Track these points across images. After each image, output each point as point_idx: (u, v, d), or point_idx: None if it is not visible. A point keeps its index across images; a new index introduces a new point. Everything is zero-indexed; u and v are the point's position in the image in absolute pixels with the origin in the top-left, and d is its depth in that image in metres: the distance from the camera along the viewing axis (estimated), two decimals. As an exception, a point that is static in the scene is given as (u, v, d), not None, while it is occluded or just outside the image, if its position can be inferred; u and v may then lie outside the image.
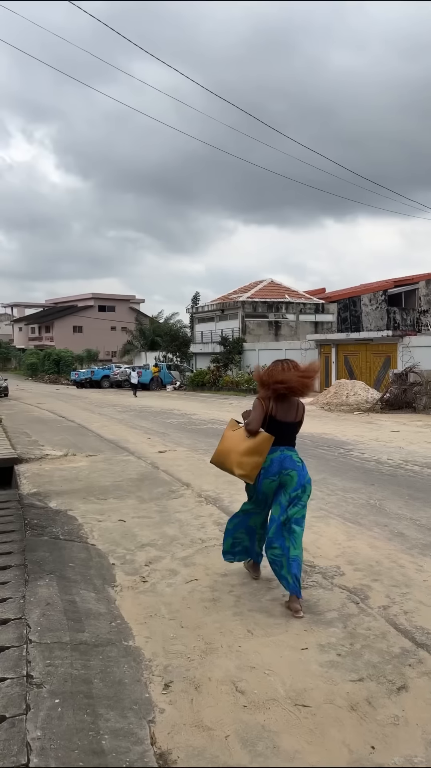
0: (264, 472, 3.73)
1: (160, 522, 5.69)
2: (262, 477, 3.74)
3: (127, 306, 68.50)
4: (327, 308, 38.49)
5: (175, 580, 4.16)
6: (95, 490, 7.19)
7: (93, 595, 3.75)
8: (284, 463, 3.73)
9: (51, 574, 3.93)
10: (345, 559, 4.59)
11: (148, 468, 8.69)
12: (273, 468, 3.72)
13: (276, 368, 3.79)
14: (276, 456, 3.74)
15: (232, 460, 3.73)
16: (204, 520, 5.73)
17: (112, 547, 4.89)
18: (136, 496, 6.81)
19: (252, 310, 36.07)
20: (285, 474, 3.72)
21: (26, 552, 4.29)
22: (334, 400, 20.07)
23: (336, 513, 5.95)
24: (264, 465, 3.72)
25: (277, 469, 3.72)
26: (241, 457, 3.69)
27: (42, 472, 8.44)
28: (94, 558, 4.54)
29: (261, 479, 3.75)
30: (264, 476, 3.73)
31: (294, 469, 3.74)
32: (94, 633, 3.19)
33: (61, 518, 5.68)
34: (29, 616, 3.22)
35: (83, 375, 39.44)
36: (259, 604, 3.74)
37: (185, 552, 4.78)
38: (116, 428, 14.13)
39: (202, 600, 3.81)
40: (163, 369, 35.48)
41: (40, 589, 3.64)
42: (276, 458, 3.73)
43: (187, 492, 7.03)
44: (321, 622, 3.48)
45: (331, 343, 27.52)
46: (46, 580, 3.80)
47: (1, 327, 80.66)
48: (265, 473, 3.73)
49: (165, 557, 4.65)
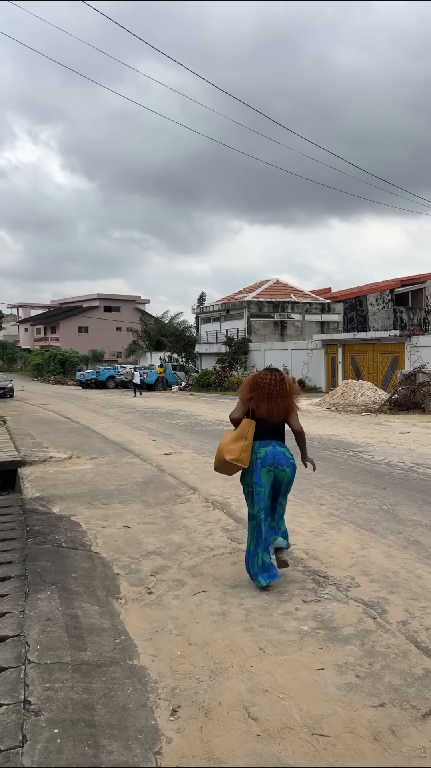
0: (261, 462, 3.99)
1: (166, 528, 5.50)
2: (259, 466, 3.98)
3: (132, 306, 68.42)
4: (334, 308, 38.23)
5: (182, 592, 3.97)
6: (99, 494, 7.02)
7: (96, 608, 3.58)
8: (278, 458, 4.02)
9: (52, 586, 3.75)
10: (360, 569, 4.39)
11: (153, 471, 8.51)
12: (268, 459, 4.00)
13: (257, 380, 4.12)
14: (270, 450, 4.03)
15: (225, 450, 4.02)
16: (211, 527, 5.54)
17: (117, 556, 4.71)
18: (141, 501, 6.63)
19: (257, 310, 35.86)
20: (281, 470, 4.04)
21: (27, 562, 4.11)
22: (341, 400, 19.84)
23: (348, 519, 5.75)
24: (260, 456, 4.00)
25: (271, 461, 4.00)
26: (229, 445, 4.01)
27: (46, 475, 8.28)
28: (98, 567, 4.36)
29: (259, 468, 3.98)
30: (261, 465, 3.98)
31: (288, 466, 4.08)
32: (97, 651, 3.01)
33: (64, 524, 5.51)
34: (29, 632, 3.04)
35: (88, 376, 39.33)
36: (271, 619, 3.55)
37: (192, 561, 4.59)
38: (121, 430, 13.97)
39: (210, 614, 3.63)
40: (168, 369, 35.30)
41: (40, 603, 3.46)
42: (269, 452, 4.02)
43: (193, 496, 6.84)
44: (337, 638, 3.29)
45: (338, 343, 27.28)
46: (47, 593, 3.62)
47: (7, 328, 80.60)
48: (262, 463, 3.99)
49: (171, 566, 4.47)
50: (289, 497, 5.77)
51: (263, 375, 4.14)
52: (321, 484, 7.43)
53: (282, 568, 4.14)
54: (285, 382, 4.13)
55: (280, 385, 4.08)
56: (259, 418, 4.06)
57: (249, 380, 4.19)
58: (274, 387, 4.06)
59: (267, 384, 4.06)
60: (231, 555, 4.71)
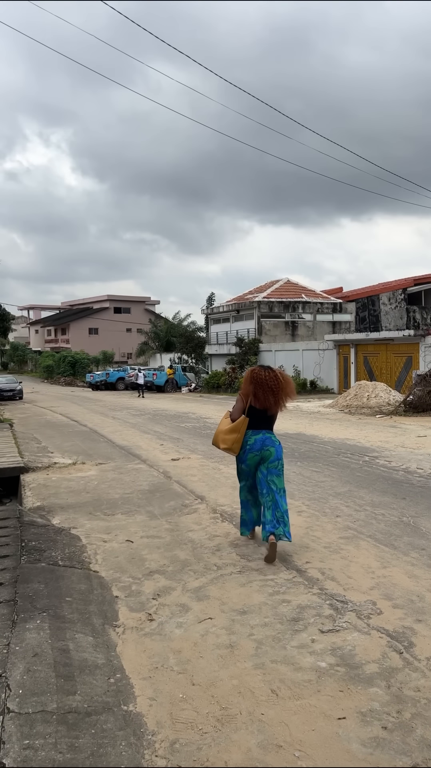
0: (249, 448, 4.79)
1: (171, 543, 5.16)
2: (248, 452, 4.81)
3: (142, 307, 68.27)
4: (345, 307, 37.69)
5: (186, 619, 3.62)
6: (103, 503, 6.69)
7: (90, 639, 3.23)
8: (265, 442, 4.81)
9: (43, 613, 3.41)
10: (381, 591, 4.01)
11: (159, 478, 8.17)
12: (257, 446, 4.79)
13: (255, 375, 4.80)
14: (259, 437, 4.81)
15: (219, 438, 4.90)
16: (219, 541, 5.19)
17: (117, 575, 4.37)
18: (146, 511, 6.29)
19: (268, 310, 35.44)
20: (266, 450, 4.78)
21: (18, 584, 3.78)
22: (354, 402, 19.39)
23: (366, 533, 5.37)
24: (250, 443, 4.79)
25: (259, 446, 4.79)
26: (224, 435, 4.86)
27: (48, 483, 7.98)
28: (96, 590, 4.02)
29: (247, 454, 4.82)
30: (249, 451, 4.81)
31: (272, 446, 4.83)
32: (88, 694, 2.66)
33: (63, 538, 5.18)
34: (11, 672, 2.71)
35: (98, 377, 39.18)
36: (284, 653, 3.18)
37: (198, 581, 4.24)
38: (128, 433, 13.66)
39: (216, 646, 3.27)
40: (177, 371, 35.00)
41: (28, 634, 3.12)
42: (258, 438, 4.81)
43: (200, 507, 6.49)
44: (360, 678, 2.91)
45: (350, 343, 26.79)
46: (36, 621, 3.29)
47: (18, 329, 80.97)
48: (250, 449, 4.80)
49: (175, 588, 4.12)
50: (303, 508, 5.49)
51: (259, 371, 4.85)
52: (337, 493, 7.04)
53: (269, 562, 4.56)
54: (278, 378, 4.79)
55: (275, 380, 4.76)
56: (254, 408, 4.78)
57: (247, 375, 4.88)
58: (269, 381, 4.74)
59: (263, 379, 4.75)
60: (240, 575, 4.35)
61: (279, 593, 4.01)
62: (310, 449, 10.68)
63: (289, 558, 4.71)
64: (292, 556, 4.76)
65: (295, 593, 4.00)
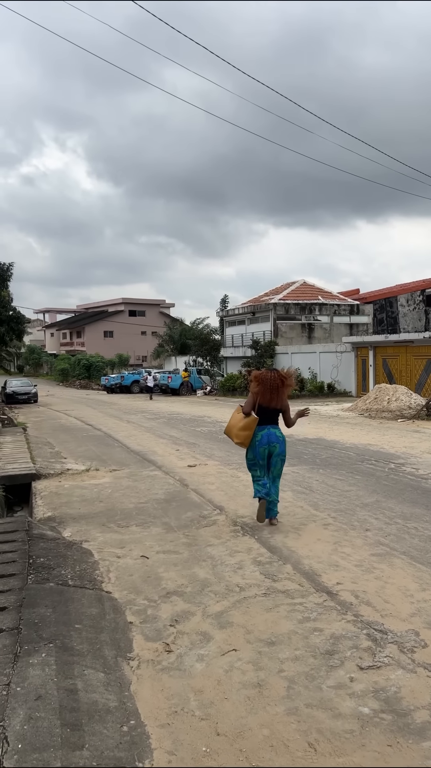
0: (259, 442, 5.73)
1: (189, 560, 4.80)
2: (258, 446, 5.74)
3: (157, 310, 68.16)
4: (363, 309, 37.11)
5: (208, 650, 3.26)
6: (116, 514, 6.36)
7: (101, 675, 2.89)
8: (271, 438, 5.74)
9: (50, 644, 3.07)
10: (424, 619, 3.60)
11: (176, 486, 7.82)
12: (264, 440, 5.73)
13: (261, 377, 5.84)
14: (265, 432, 5.75)
15: (233, 433, 5.82)
16: (241, 558, 4.81)
17: (131, 596, 4.02)
18: (162, 523, 5.94)
19: (284, 312, 34.99)
20: (273, 445, 5.75)
21: (23, 608, 3.45)
22: (374, 405, 18.88)
23: (400, 549, 4.95)
24: (259, 438, 5.73)
25: (266, 441, 5.73)
26: (238, 431, 5.75)
27: (60, 491, 7.68)
28: (108, 614, 3.67)
29: (257, 447, 5.74)
30: (259, 445, 5.73)
31: (277, 442, 5.78)
32: (98, 748, 2.31)
33: (74, 554, 4.85)
34: (11, 721, 2.37)
35: (113, 380, 39.03)
36: (320, 695, 2.80)
37: (220, 605, 3.87)
38: (143, 438, 13.35)
39: (243, 685, 2.90)
40: (192, 374, 34.67)
41: (31, 671, 2.79)
42: (265, 434, 5.75)
43: (220, 518, 6.13)
44: (410, 729, 2.53)
45: (368, 346, 26.25)
46: (42, 655, 2.95)
47: (34, 333, 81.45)
48: (259, 443, 5.74)
49: (195, 613, 3.76)
50: (329, 520, 5.34)
51: (265, 373, 5.91)
52: (364, 503, 6.62)
53: (261, 521, 5.69)
54: (281, 378, 5.81)
55: (278, 380, 5.79)
56: (260, 405, 5.75)
57: (256, 377, 5.87)
58: (272, 381, 5.78)
59: (268, 380, 5.78)
60: (266, 597, 3.97)
61: (309, 620, 3.63)
62: (332, 455, 10.26)
63: (318, 577, 4.33)
64: (321, 575, 4.38)
65: (328, 620, 3.62)
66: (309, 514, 6.18)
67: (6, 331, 26.71)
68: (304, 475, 8.37)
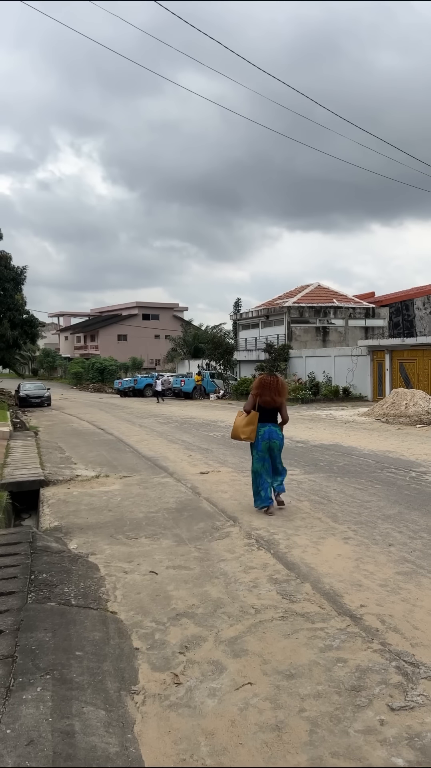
0: (261, 437, 6.52)
1: (201, 576, 4.50)
2: (260, 441, 6.53)
3: (170, 314, 68.11)
4: (378, 312, 36.56)
5: (221, 684, 2.96)
6: (125, 524, 6.09)
7: (102, 714, 2.60)
8: (272, 435, 6.57)
9: (47, 675, 2.80)
10: (459, 650, 3.26)
11: (187, 494, 7.53)
12: (265, 436, 6.53)
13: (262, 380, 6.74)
14: (266, 429, 6.55)
15: (239, 432, 6.57)
16: (256, 575, 4.51)
17: (138, 618, 3.74)
18: (173, 535, 5.66)
19: (298, 316, 34.59)
20: (273, 441, 6.56)
21: (21, 632, 3.18)
22: (392, 411, 18.44)
23: (427, 567, 4.61)
24: (260, 434, 6.52)
25: (267, 436, 6.53)
26: (244, 428, 6.54)
27: (69, 498, 7.44)
28: (112, 639, 3.39)
29: (260, 441, 6.53)
30: (261, 440, 6.52)
31: (277, 438, 6.61)
32: (94, 807, 2.02)
33: (79, 568, 4.58)
34: (-4, 772, 2.09)
35: (126, 384, 38.91)
36: (347, 741, 2.49)
37: (233, 629, 3.57)
38: (155, 443, 13.09)
39: (260, 727, 2.60)
40: (206, 377, 34.39)
41: (24, 709, 2.51)
42: (266, 430, 6.55)
43: (233, 529, 5.82)
44: (452, 788, 2.20)
45: (385, 349, 25.76)
46: (37, 689, 2.67)
47: (48, 336, 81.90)
48: (261, 438, 6.53)
49: (206, 638, 3.46)
50: (349, 533, 5.16)
51: (265, 377, 6.79)
52: (385, 515, 6.28)
53: (281, 506, 6.58)
54: (279, 382, 6.73)
55: (276, 384, 6.67)
56: (261, 405, 6.56)
57: (257, 381, 6.79)
58: (272, 384, 6.64)
59: (268, 383, 6.65)
60: (283, 621, 3.66)
61: (332, 648, 3.31)
62: (350, 463, 9.90)
63: (340, 599, 4.01)
64: (343, 596, 4.05)
65: (352, 649, 3.30)
66: (328, 527, 5.85)
67: (19, 334, 26.68)
68: (321, 484, 8.04)
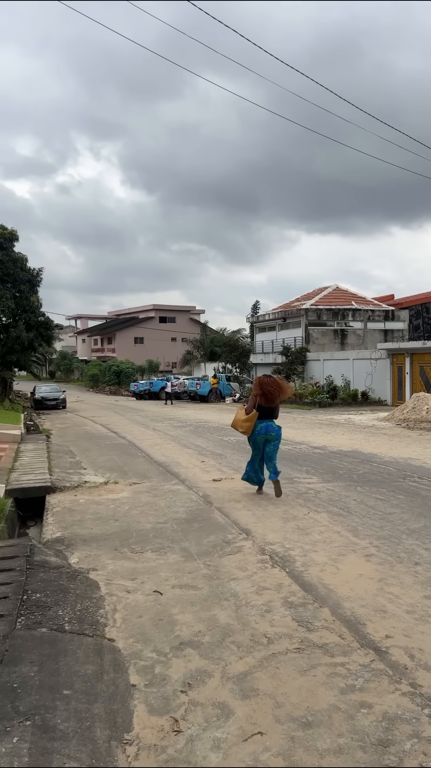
0: (258, 432, 7.43)
1: (209, 597, 4.12)
2: (257, 434, 7.45)
3: (187, 317, 67.93)
4: (398, 315, 35.87)
5: (226, 732, 2.57)
6: (132, 535, 5.74)
7: (87, 771, 2.23)
8: (269, 429, 7.46)
9: (27, 722, 2.45)
10: None
11: (198, 503, 7.16)
12: (262, 430, 7.43)
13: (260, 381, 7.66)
14: (263, 425, 7.45)
15: (238, 425, 7.55)
16: (270, 597, 4.11)
17: (138, 647, 3.37)
18: (181, 548, 5.29)
19: (316, 318, 34.08)
20: (269, 434, 7.46)
21: (3, 666, 2.84)
22: (412, 416, 17.87)
23: (459, 592, 4.17)
24: (258, 429, 7.43)
25: (264, 431, 7.43)
26: (242, 423, 7.51)
27: (75, 506, 7.12)
28: (107, 673, 3.03)
29: (257, 435, 7.45)
30: (258, 434, 7.44)
31: (274, 431, 7.49)
32: None
33: (78, 587, 4.24)
34: None
35: (142, 386, 38.75)
36: None
37: (243, 663, 3.18)
38: (168, 447, 12.74)
39: (270, 792, 2.21)
40: (221, 380, 34.02)
41: (-4, 766, 2.16)
42: (263, 426, 7.44)
43: (246, 544, 5.43)
44: None
45: (405, 352, 25.15)
46: (13, 740, 2.32)
47: (66, 339, 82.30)
48: (258, 432, 7.44)
49: (212, 673, 3.08)
50: (372, 550, 4.89)
51: (265, 378, 7.63)
52: (410, 529, 5.83)
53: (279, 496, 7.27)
54: (277, 383, 7.61)
55: (275, 385, 7.54)
56: (260, 405, 7.41)
57: (257, 381, 7.64)
58: (270, 385, 7.49)
59: (267, 384, 7.50)
60: (299, 654, 3.27)
61: (354, 689, 2.91)
62: (370, 471, 9.44)
63: (363, 627, 3.60)
64: (366, 624, 3.64)
65: (377, 691, 2.89)
66: (348, 542, 5.43)
67: (35, 336, 26.58)
68: (340, 494, 7.60)
